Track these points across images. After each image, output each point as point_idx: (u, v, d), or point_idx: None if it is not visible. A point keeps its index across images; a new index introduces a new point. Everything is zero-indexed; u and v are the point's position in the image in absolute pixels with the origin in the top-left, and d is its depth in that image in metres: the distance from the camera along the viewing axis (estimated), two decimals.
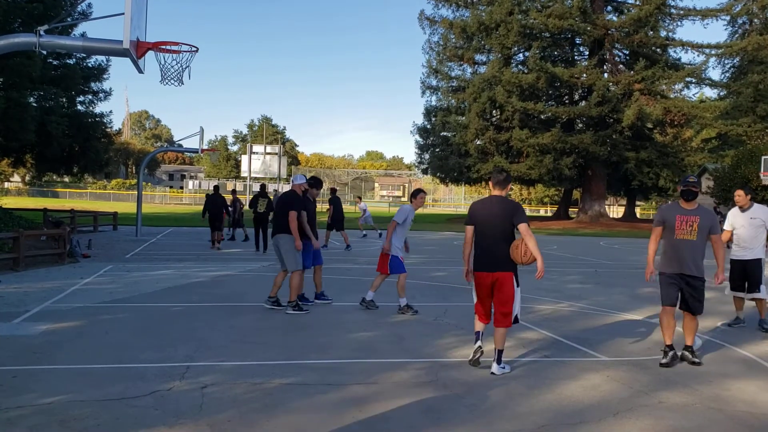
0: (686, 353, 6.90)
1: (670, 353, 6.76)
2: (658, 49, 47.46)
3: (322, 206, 28.43)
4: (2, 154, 29.93)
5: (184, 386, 5.49)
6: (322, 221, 17.87)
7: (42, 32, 7.36)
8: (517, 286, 6.38)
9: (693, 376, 6.33)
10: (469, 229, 6.57)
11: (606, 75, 47.70)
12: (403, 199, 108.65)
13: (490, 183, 6.60)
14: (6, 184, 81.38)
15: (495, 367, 6.22)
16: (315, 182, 10.37)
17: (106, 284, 11.30)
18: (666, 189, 52.26)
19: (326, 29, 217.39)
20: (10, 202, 34.22)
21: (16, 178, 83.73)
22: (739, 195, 8.92)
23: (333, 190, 22.98)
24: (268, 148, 64.41)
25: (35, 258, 14.26)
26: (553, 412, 5.14)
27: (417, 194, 9.82)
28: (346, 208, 27.15)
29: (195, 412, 4.86)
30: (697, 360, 6.79)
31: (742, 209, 8.95)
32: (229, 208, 21.50)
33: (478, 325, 6.52)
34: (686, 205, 6.94)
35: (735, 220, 9.04)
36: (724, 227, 9.10)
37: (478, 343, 6.44)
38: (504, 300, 6.28)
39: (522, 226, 6.23)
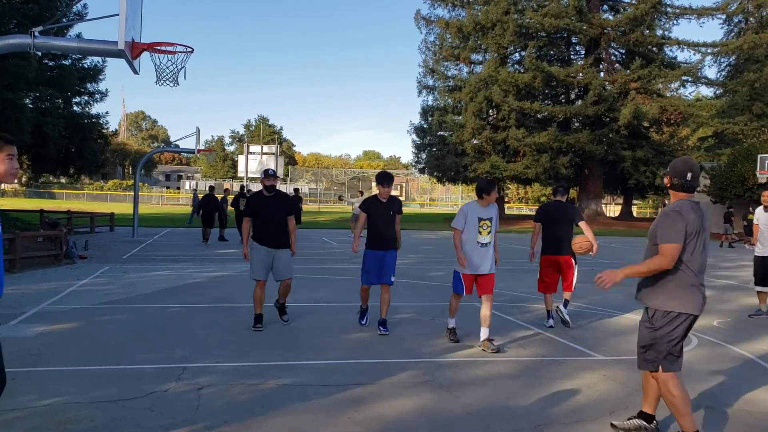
0: None
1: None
2: (654, 48, 47.51)
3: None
4: None
5: (181, 387, 5.49)
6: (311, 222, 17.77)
7: (37, 33, 7.35)
8: (576, 264, 8.61)
9: (689, 375, 6.33)
10: (538, 225, 8.86)
11: (602, 74, 47.75)
12: (400, 198, 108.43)
13: (558, 193, 8.92)
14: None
15: (563, 311, 8.62)
16: (382, 178, 7.95)
17: (103, 285, 11.28)
18: (662, 188, 52.22)
19: (323, 28, 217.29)
20: (6, 203, 34.23)
21: None
22: (765, 195, 9.52)
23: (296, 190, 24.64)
24: (265, 148, 64.37)
25: (32, 259, 14.24)
26: (549, 412, 5.14)
27: (487, 190, 7.38)
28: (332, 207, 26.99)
29: (191, 414, 4.86)
30: None
31: (766, 209, 9.45)
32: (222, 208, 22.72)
33: (549, 303, 8.71)
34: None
35: (759, 217, 9.75)
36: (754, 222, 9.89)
37: (551, 321, 8.59)
38: (569, 273, 8.59)
39: (582, 224, 8.34)
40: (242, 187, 22.09)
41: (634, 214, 64.45)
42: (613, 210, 75.27)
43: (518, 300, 10.91)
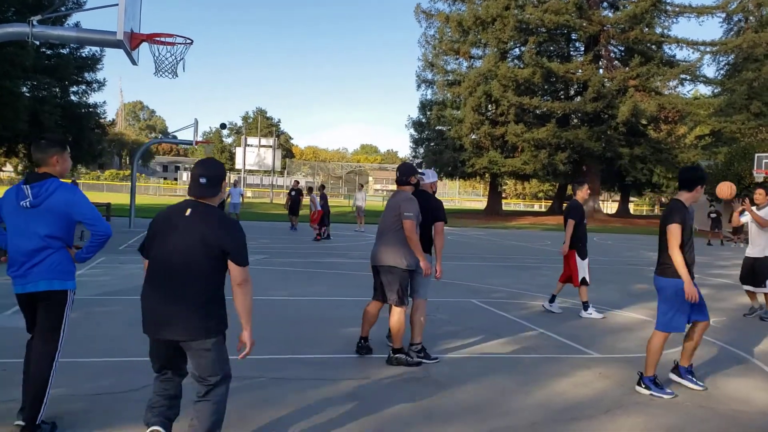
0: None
1: None
2: (653, 46, 47.58)
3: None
4: None
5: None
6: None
7: (35, 22, 7.28)
8: (582, 258, 9.42)
9: None
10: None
11: (601, 71, 47.78)
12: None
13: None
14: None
15: (583, 313, 9.27)
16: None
17: (99, 276, 11.24)
18: (659, 185, 52.34)
19: (323, 20, 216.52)
20: (1, 193, 34.00)
21: (9, 168, 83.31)
22: (759, 193, 9.48)
23: (322, 187, 24.73)
24: (263, 141, 64.34)
25: None
26: (544, 409, 5.14)
27: None
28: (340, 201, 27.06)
29: (186, 406, 4.82)
30: None
31: (759, 207, 9.50)
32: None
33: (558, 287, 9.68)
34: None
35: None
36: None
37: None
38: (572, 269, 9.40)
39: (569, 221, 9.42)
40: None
41: (631, 212, 64.50)
42: (610, 207, 75.37)
43: (514, 297, 10.91)
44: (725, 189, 8.34)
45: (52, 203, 4.09)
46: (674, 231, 5.43)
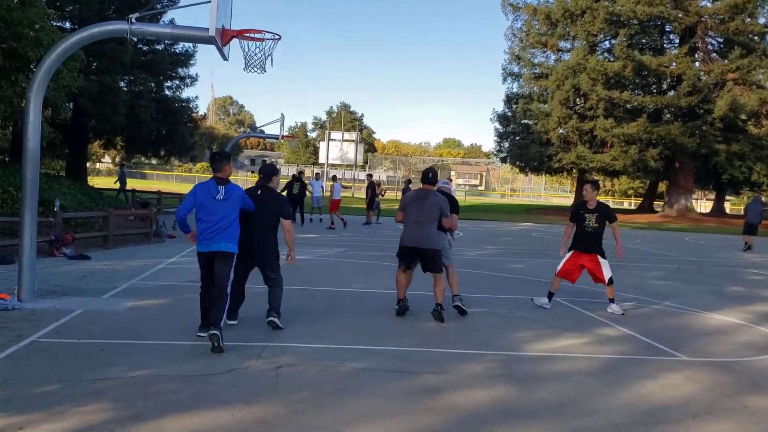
0: None
1: None
2: (756, 37, 45.06)
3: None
4: (95, 136, 31.37)
5: (261, 365, 5.64)
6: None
7: (133, 20, 7.62)
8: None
9: None
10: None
11: (697, 64, 45.69)
12: (480, 187, 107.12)
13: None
14: (97, 165, 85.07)
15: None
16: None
17: (190, 264, 11.64)
18: (759, 183, 49.68)
19: (405, 15, 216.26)
20: (100, 182, 35.81)
21: (107, 159, 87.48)
22: None
23: (408, 181, 24.69)
24: (346, 135, 65.07)
25: (123, 237, 14.91)
26: (628, 411, 5.01)
27: None
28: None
29: (270, 392, 4.98)
30: None
31: None
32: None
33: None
34: None
35: None
36: None
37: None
38: None
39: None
40: (300, 173, 23.70)
41: (727, 211, 61.55)
42: (704, 206, 72.17)
43: (600, 296, 10.61)
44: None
45: (235, 197, 6.45)
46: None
